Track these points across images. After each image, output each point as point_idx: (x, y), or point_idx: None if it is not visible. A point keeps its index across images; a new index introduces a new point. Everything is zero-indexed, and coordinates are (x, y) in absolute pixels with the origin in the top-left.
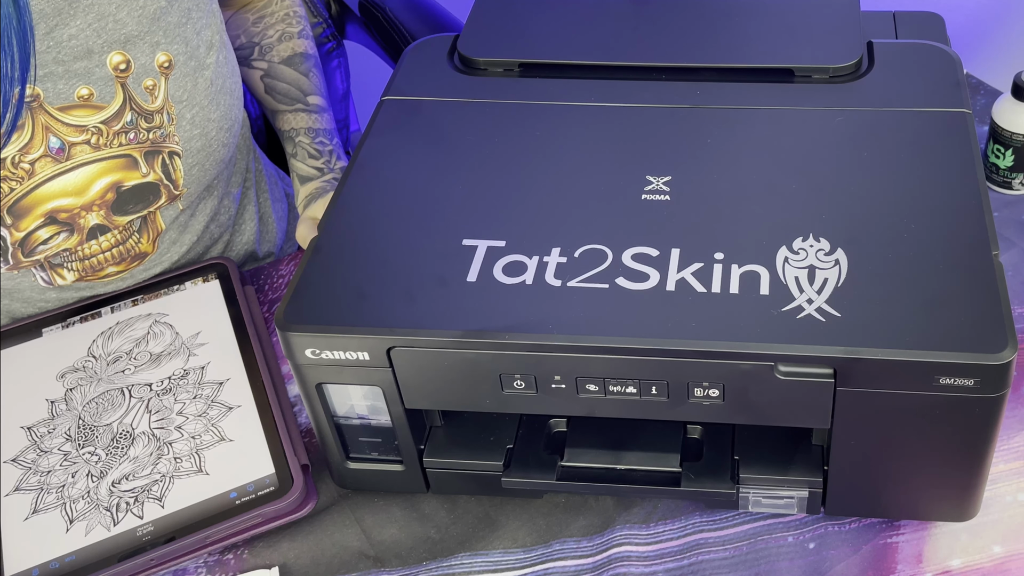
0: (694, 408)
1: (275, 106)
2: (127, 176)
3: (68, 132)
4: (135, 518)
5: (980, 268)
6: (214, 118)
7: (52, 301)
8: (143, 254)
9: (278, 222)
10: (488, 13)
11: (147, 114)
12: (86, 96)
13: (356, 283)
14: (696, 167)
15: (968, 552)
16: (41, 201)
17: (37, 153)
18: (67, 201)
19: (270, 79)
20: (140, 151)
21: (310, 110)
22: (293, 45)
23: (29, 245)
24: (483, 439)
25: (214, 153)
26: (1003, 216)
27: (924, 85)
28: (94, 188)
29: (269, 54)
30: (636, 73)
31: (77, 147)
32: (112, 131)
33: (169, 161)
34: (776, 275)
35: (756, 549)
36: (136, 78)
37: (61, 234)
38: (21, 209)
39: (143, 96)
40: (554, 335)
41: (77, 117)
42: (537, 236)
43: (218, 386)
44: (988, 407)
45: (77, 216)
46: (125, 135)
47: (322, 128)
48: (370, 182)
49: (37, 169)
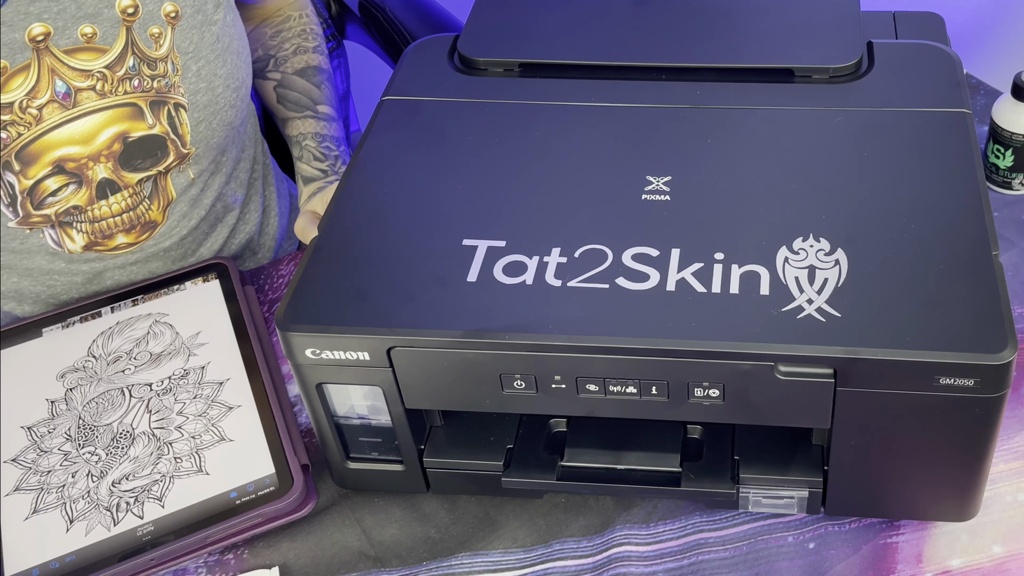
0: (694, 408)
1: (285, 114)
2: (133, 127)
3: (74, 76)
4: (135, 518)
5: (980, 268)
6: (220, 74)
7: (60, 276)
8: (153, 223)
9: (279, 217)
10: (488, 13)
11: (150, 61)
12: (89, 35)
13: (356, 283)
14: (696, 167)
15: (968, 552)
16: (49, 148)
17: (44, 98)
18: (74, 150)
19: (282, 88)
20: (145, 100)
21: (319, 117)
22: (307, 58)
23: (38, 195)
24: (483, 439)
25: (221, 112)
26: (1003, 216)
27: (924, 85)
28: (101, 137)
29: (283, 66)
30: (636, 73)
31: (83, 93)
32: (116, 77)
33: (175, 114)
34: (776, 275)
35: (756, 549)
36: (142, 24)
37: (70, 186)
38: (29, 155)
39: (147, 42)
40: (554, 335)
41: (82, 61)
42: (537, 236)
43: (218, 386)
44: (988, 407)
45: (85, 167)
46: (129, 82)
47: (329, 135)
48: (370, 182)
49: (45, 115)
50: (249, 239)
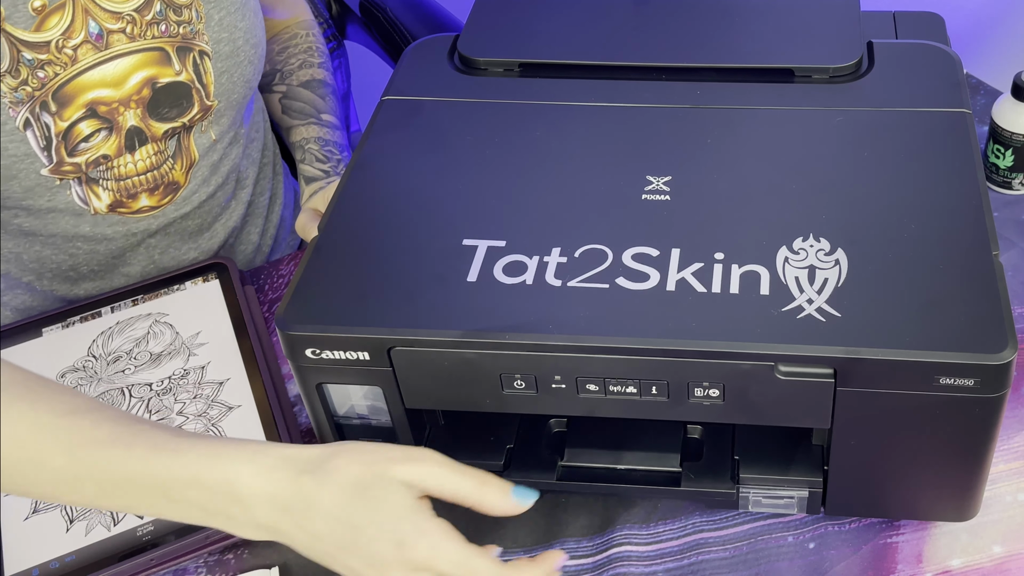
0: (694, 408)
1: (289, 123)
2: (161, 72)
3: (105, 18)
4: (135, 518)
5: (980, 268)
6: (240, 27)
7: (83, 244)
8: (175, 184)
9: (283, 208)
10: (488, 13)
11: (176, 7)
12: None
13: (356, 283)
14: (696, 167)
15: (968, 552)
16: (83, 89)
17: (79, 38)
18: (106, 92)
19: (287, 100)
20: (172, 45)
21: (322, 124)
22: (312, 72)
23: (72, 139)
24: (483, 439)
25: (241, 66)
26: (1003, 216)
27: (924, 85)
28: (131, 81)
29: (289, 79)
30: (636, 73)
31: (114, 35)
32: (144, 21)
33: (200, 61)
34: (776, 275)
35: (756, 549)
36: None
37: (101, 132)
38: (65, 96)
39: None
40: (554, 335)
41: (113, 3)
42: (537, 236)
43: (218, 386)
44: (988, 407)
45: (116, 112)
46: (157, 27)
47: (332, 140)
48: (370, 182)
49: (79, 56)
50: (261, 223)
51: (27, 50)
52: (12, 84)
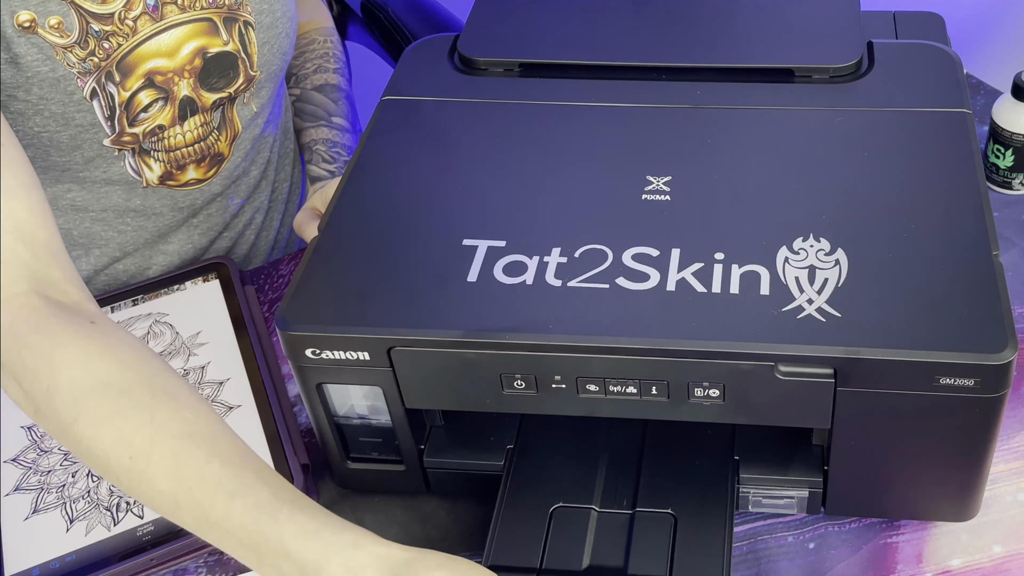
0: (694, 408)
1: (301, 125)
2: (211, 42)
3: None
4: (135, 518)
5: (980, 268)
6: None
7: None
8: (220, 156)
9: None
10: (488, 13)
11: None
12: None
13: (356, 283)
14: (696, 167)
15: (968, 552)
16: (143, 59)
17: (138, 10)
18: (162, 63)
19: (300, 103)
20: (219, 16)
21: (332, 126)
22: (326, 76)
23: (133, 109)
24: (483, 439)
25: (279, 38)
26: (1003, 216)
27: (924, 85)
28: (184, 51)
29: (303, 82)
30: (636, 73)
31: (168, 7)
32: None
33: (244, 32)
34: (776, 275)
35: (756, 549)
36: None
37: (158, 102)
38: (127, 67)
39: None
40: (554, 335)
41: None
42: (537, 236)
43: (218, 386)
44: (988, 407)
45: (171, 81)
46: None
47: (340, 142)
48: (370, 182)
49: (139, 27)
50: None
51: (95, 22)
52: (81, 55)
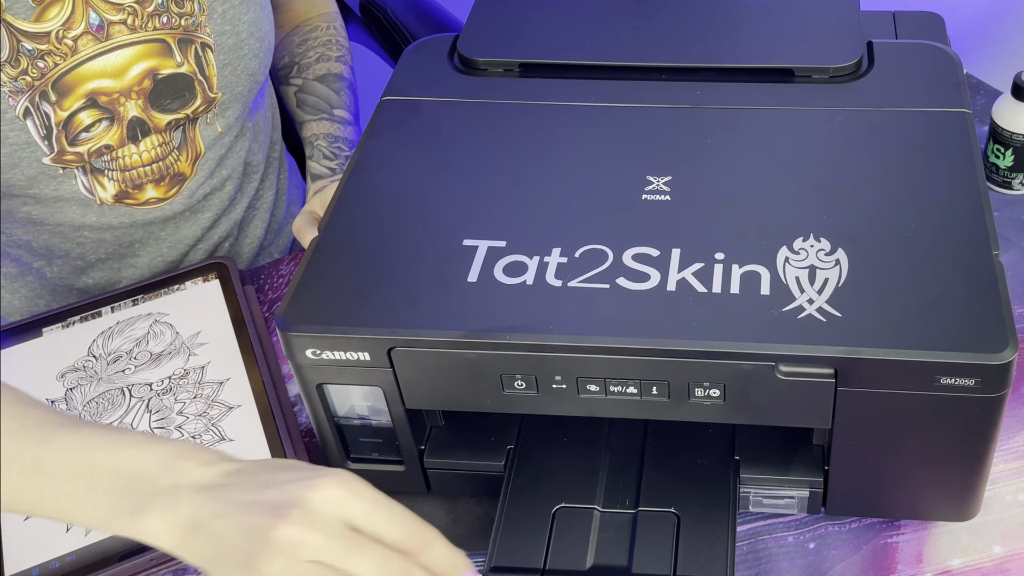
0: (694, 408)
1: (303, 117)
2: (162, 63)
3: (106, 9)
4: None
5: (980, 268)
6: (244, 20)
7: (91, 232)
8: (181, 176)
9: (289, 205)
10: (488, 13)
11: None
12: None
13: (356, 283)
14: (696, 167)
15: (968, 552)
16: (83, 80)
17: (79, 29)
18: (107, 83)
19: (302, 93)
20: (173, 37)
21: (334, 120)
22: (329, 66)
23: (72, 129)
24: (484, 439)
25: (245, 59)
26: (1003, 216)
27: (924, 85)
28: (132, 72)
29: (305, 72)
30: (636, 73)
31: (115, 27)
32: (146, 12)
33: (202, 53)
34: (777, 275)
35: (756, 549)
36: None
37: (102, 122)
38: (65, 86)
39: None
40: (555, 335)
41: None
42: (538, 236)
43: (218, 386)
44: (988, 407)
45: (117, 102)
46: (158, 18)
47: (342, 136)
48: (370, 182)
49: (80, 46)
50: (266, 218)
51: (27, 40)
52: (12, 73)
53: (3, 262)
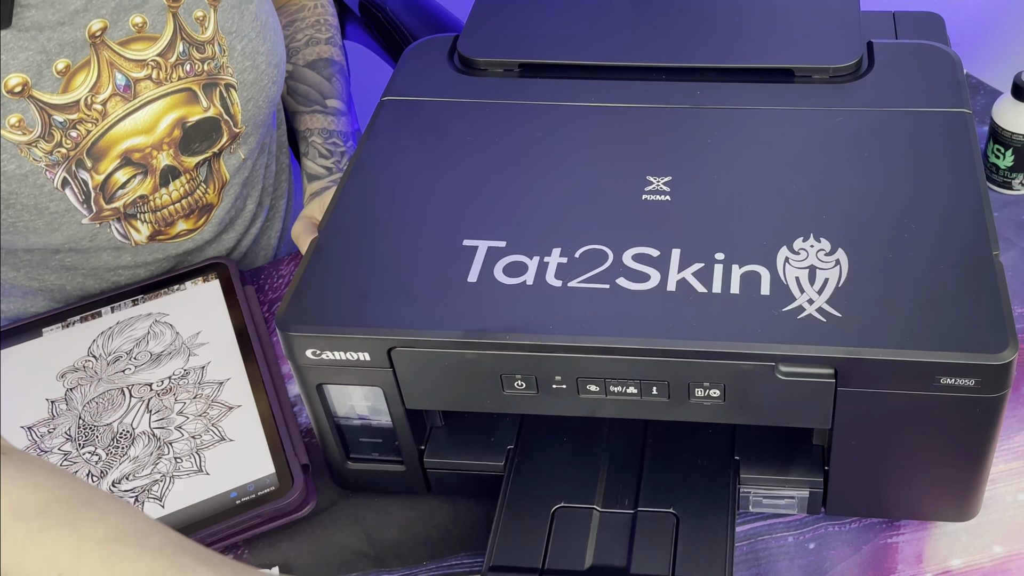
0: (695, 408)
1: (295, 107)
2: (190, 111)
3: (131, 68)
4: None
5: (980, 268)
6: (262, 51)
7: (125, 271)
8: (209, 206)
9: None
10: (488, 13)
11: (199, 44)
12: (140, 24)
13: (356, 283)
14: (696, 167)
15: (968, 552)
16: (116, 141)
17: (107, 92)
18: (139, 140)
19: (292, 81)
20: (198, 84)
21: (327, 112)
22: (319, 50)
23: (109, 189)
24: (484, 439)
25: (265, 88)
26: (1003, 216)
27: (924, 85)
28: (162, 125)
29: (295, 57)
30: (636, 73)
31: (141, 83)
32: (169, 64)
33: (226, 94)
34: (777, 275)
35: (756, 549)
36: (187, 8)
37: (136, 177)
38: (99, 151)
39: (193, 26)
40: (555, 335)
41: (136, 51)
42: (538, 236)
43: (218, 386)
44: (989, 407)
45: (150, 156)
46: (182, 67)
47: (337, 130)
48: (370, 182)
49: (109, 109)
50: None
51: (57, 112)
52: (47, 148)
53: (35, 301)
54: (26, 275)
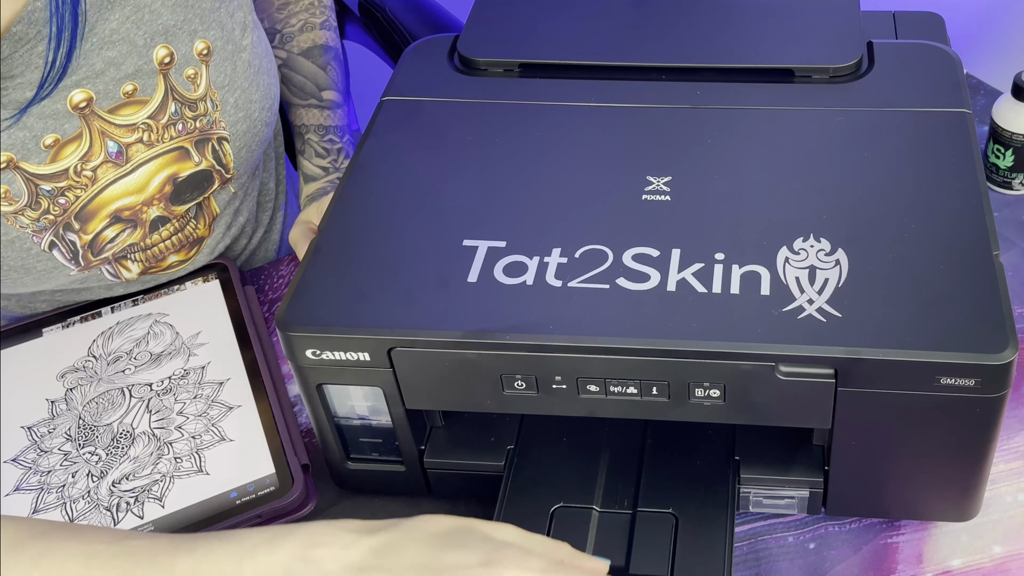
0: (695, 408)
1: (290, 98)
2: (182, 167)
3: (121, 134)
4: (135, 518)
5: (980, 268)
6: (255, 99)
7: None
8: (200, 239)
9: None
10: (488, 13)
11: (190, 103)
12: (130, 92)
13: (356, 283)
14: (696, 167)
15: (968, 552)
16: (106, 204)
17: (98, 160)
18: (129, 200)
19: (287, 70)
20: (191, 141)
21: (323, 106)
22: (314, 36)
23: (98, 245)
24: (484, 440)
25: (258, 134)
26: (1003, 216)
27: (924, 85)
28: (153, 184)
29: (289, 44)
30: (636, 73)
31: (132, 147)
32: (160, 125)
33: (219, 147)
34: (777, 275)
35: (756, 549)
36: (178, 69)
37: (126, 231)
38: (88, 214)
39: (185, 86)
40: (555, 335)
41: (126, 116)
42: (538, 236)
43: (218, 386)
44: (989, 407)
45: (139, 212)
46: (174, 127)
47: (333, 125)
48: (370, 182)
49: (99, 175)
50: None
51: (44, 182)
52: (33, 216)
53: None
54: (17, 303)
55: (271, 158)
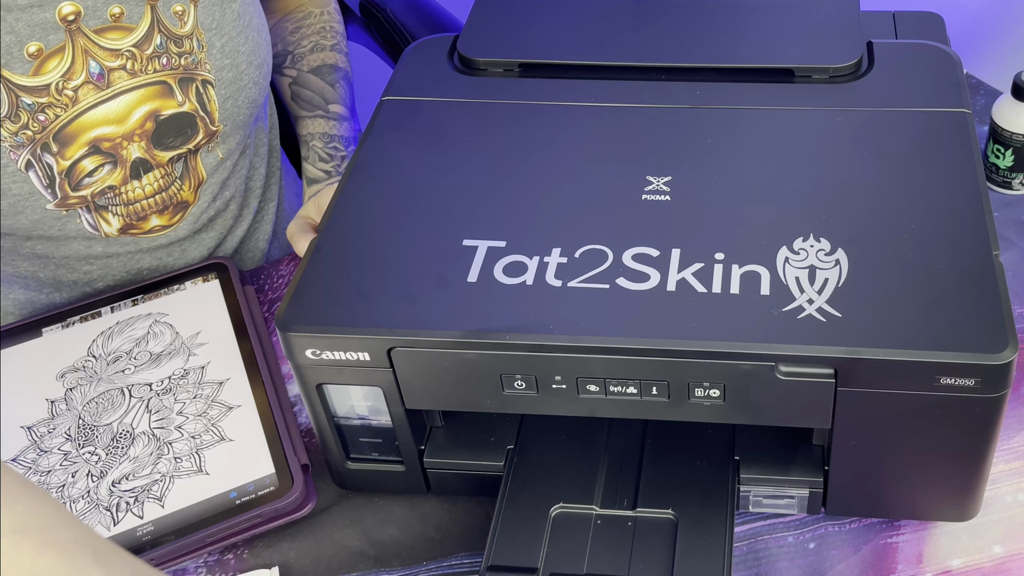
0: (694, 408)
1: (298, 112)
2: (164, 104)
3: (105, 56)
4: (135, 518)
5: (980, 268)
6: (243, 51)
7: (97, 261)
8: (184, 203)
9: (289, 214)
10: (488, 13)
11: (176, 38)
12: (117, 15)
13: (356, 283)
14: (696, 167)
15: (968, 552)
16: (85, 129)
17: (79, 79)
18: (109, 129)
19: (297, 86)
20: (174, 78)
21: (329, 116)
22: (324, 56)
23: (75, 176)
24: (484, 439)
25: (245, 89)
26: (1003, 216)
27: (924, 85)
28: (134, 116)
29: (300, 63)
30: (636, 73)
31: (115, 73)
32: (145, 56)
33: (203, 90)
34: (777, 275)
35: (756, 549)
36: (166, 2)
37: (105, 166)
38: (67, 136)
39: (172, 20)
40: (555, 335)
41: (111, 40)
42: (537, 236)
43: (218, 386)
44: (989, 407)
45: (119, 147)
46: (158, 60)
47: (338, 135)
48: (370, 182)
49: (80, 96)
50: (269, 229)
51: (26, 95)
52: (12, 128)
53: (11, 289)
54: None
55: (263, 143)
